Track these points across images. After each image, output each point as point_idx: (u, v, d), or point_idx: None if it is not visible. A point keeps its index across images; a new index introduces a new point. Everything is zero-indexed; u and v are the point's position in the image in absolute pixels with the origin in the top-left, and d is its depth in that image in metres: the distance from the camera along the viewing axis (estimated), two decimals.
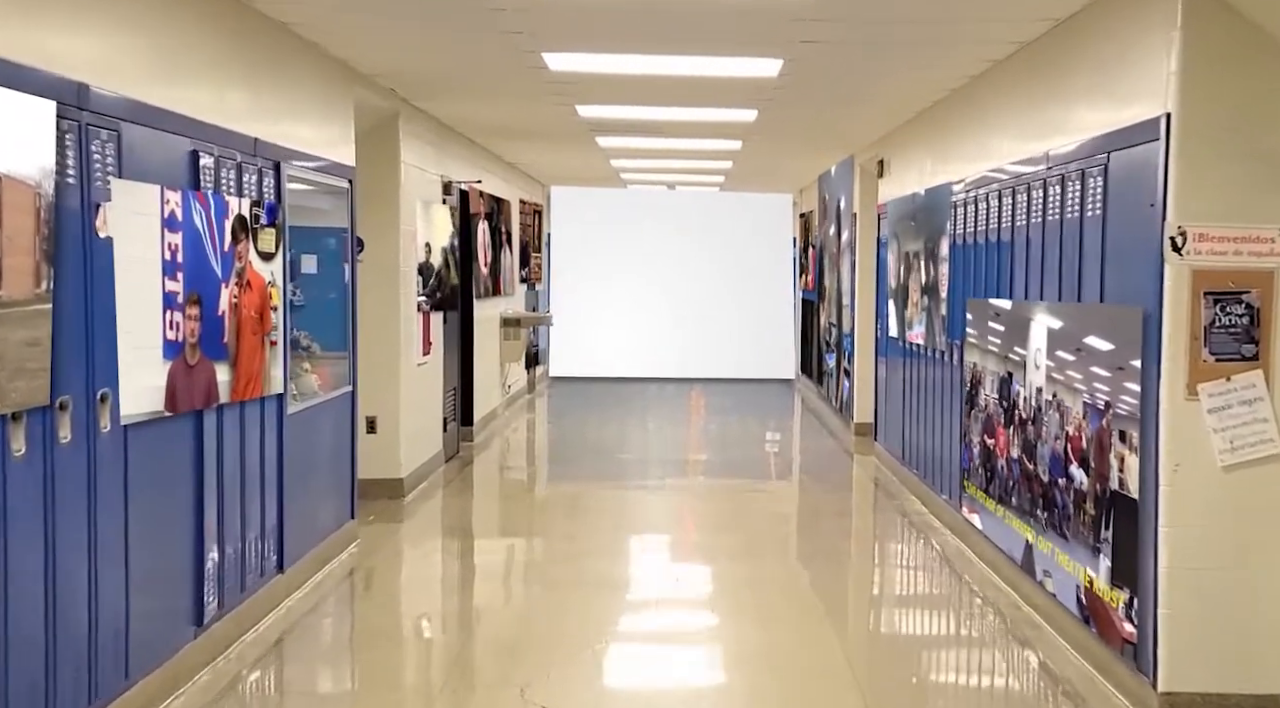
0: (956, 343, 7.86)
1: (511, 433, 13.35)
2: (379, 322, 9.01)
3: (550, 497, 10.25)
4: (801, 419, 15.31)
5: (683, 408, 16.43)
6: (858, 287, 12.60)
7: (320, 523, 7.16)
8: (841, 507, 9.95)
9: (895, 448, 10.27)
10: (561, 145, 12.40)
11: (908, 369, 9.68)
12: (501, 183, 14.06)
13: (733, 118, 9.80)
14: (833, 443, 12.72)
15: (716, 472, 11.35)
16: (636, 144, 12.06)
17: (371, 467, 9.04)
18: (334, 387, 7.46)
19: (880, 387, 11.21)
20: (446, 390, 10.78)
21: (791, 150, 12.56)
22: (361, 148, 8.80)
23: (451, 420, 11.05)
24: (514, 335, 14.01)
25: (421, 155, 9.75)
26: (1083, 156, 5.48)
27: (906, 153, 10.04)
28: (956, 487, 7.56)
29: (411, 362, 9.43)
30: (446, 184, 10.64)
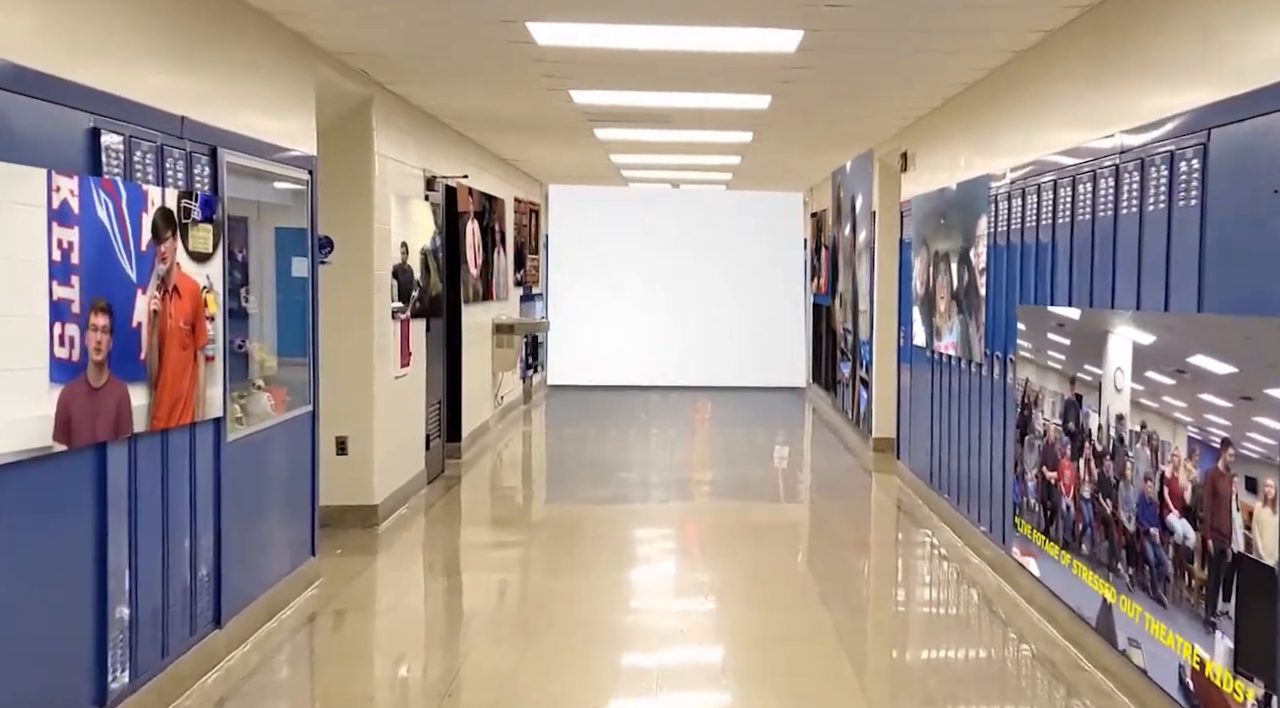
0: (1000, 355, 6.92)
1: (504, 448, 12.42)
2: (349, 331, 8.09)
3: (543, 523, 9.31)
4: (814, 432, 14.37)
5: (687, 419, 15.49)
6: (877, 290, 11.67)
7: (271, 564, 6.23)
8: (864, 536, 9.01)
9: (921, 468, 9.34)
10: (558, 138, 11.48)
11: (937, 382, 8.74)
12: (494, 180, 13.14)
13: (744, 104, 8.87)
14: (849, 460, 11.78)
15: (725, 493, 10.41)
16: (638, 137, 11.13)
17: (341, 492, 8.13)
18: (291, 406, 6.53)
19: (903, 399, 10.28)
20: (430, 405, 9.86)
21: (805, 143, 11.62)
22: (329, 137, 7.90)
23: (436, 437, 10.13)
24: (507, 343, 13.09)
25: (400, 147, 8.83)
26: (1171, 136, 4.55)
27: (935, 144, 9.10)
28: (1004, 522, 6.61)
29: (388, 374, 8.51)
30: (430, 179, 9.72)
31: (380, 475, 8.34)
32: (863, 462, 11.53)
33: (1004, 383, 6.86)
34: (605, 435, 13.68)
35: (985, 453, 7.25)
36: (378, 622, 6.64)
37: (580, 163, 14.05)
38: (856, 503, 10.15)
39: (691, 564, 7.87)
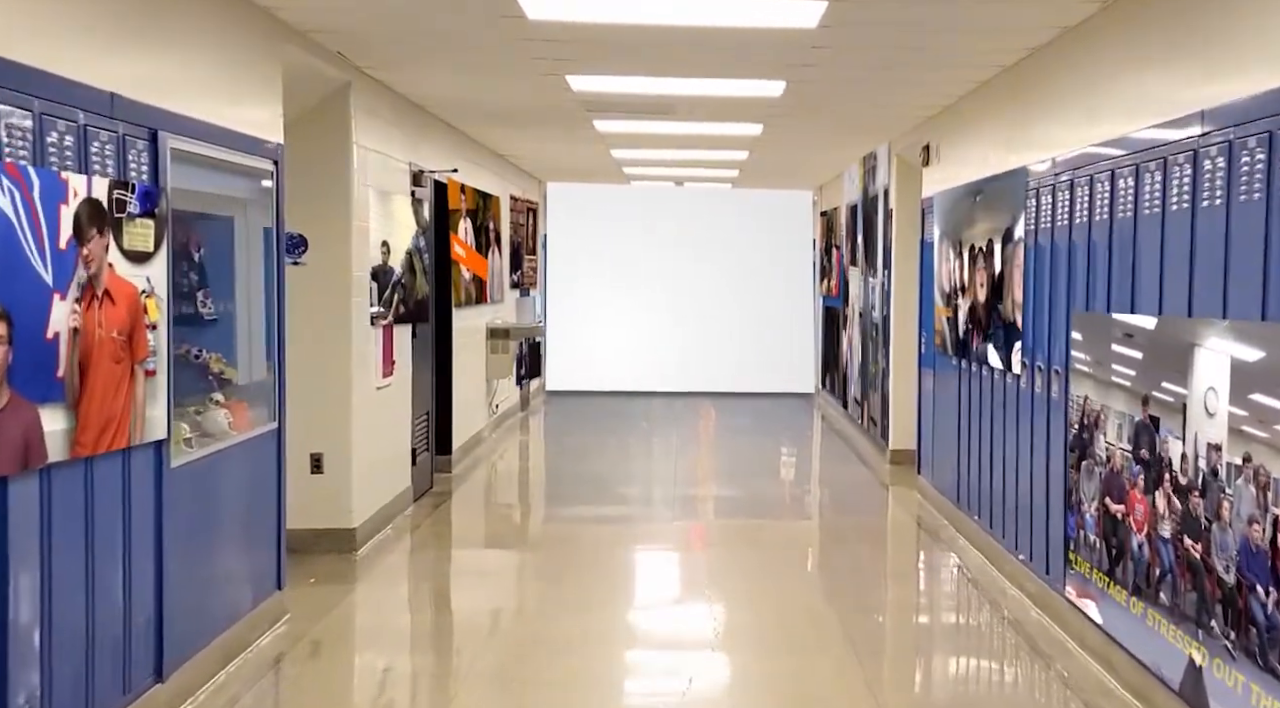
0: (1044, 367, 6.23)
1: (499, 460, 11.72)
2: (324, 339, 7.41)
3: (538, 545, 8.61)
4: (825, 441, 13.67)
5: (692, 427, 14.80)
6: (894, 292, 10.98)
7: (228, 602, 5.54)
8: (886, 561, 8.31)
9: (946, 485, 8.64)
10: (556, 131, 10.78)
11: (965, 393, 8.05)
12: (490, 176, 12.45)
13: (755, 92, 8.17)
14: (864, 473, 11.08)
15: (733, 511, 9.70)
16: (640, 129, 10.44)
17: (316, 514, 7.45)
18: (254, 424, 5.84)
19: (925, 409, 9.58)
20: (416, 416, 9.16)
21: (818, 137, 10.93)
22: (302, 127, 7.24)
23: (424, 450, 9.43)
24: (502, 348, 12.39)
25: (383, 138, 8.14)
26: (1268, 113, 3.86)
27: (963, 135, 8.41)
28: (1055, 557, 5.90)
29: (368, 385, 7.82)
30: (417, 174, 9.03)
31: (359, 495, 7.65)
32: (879, 475, 10.84)
33: (1048, 397, 6.16)
34: (605, 445, 12.98)
35: (1027, 475, 6.55)
36: (350, 663, 5.94)
37: (580, 159, 13.36)
38: (874, 522, 9.45)
39: (698, 595, 7.17)
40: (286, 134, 7.17)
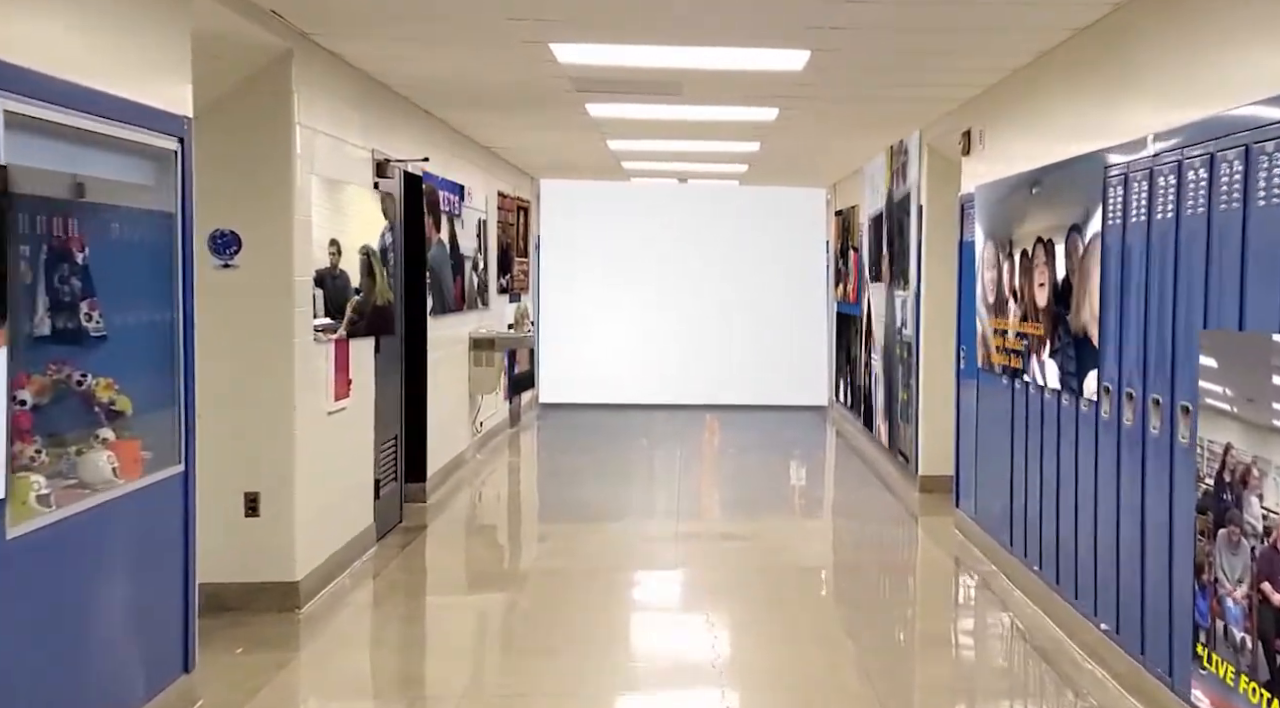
0: (1136, 393, 5.03)
1: (483, 485, 10.52)
2: (261, 356, 6.23)
3: (521, 599, 7.37)
4: (843, 462, 12.44)
5: (696, 445, 13.59)
6: (925, 299, 9.78)
7: (108, 699, 4.34)
8: (928, 618, 7.11)
9: (993, 522, 7.44)
10: (544, 118, 9.59)
11: (1020, 418, 6.86)
12: (473, 170, 11.26)
13: (773, 65, 6.99)
14: (889, 500, 9.87)
15: (744, 552, 8.45)
16: (639, 114, 9.24)
17: (251, 566, 6.27)
18: (152, 467, 4.65)
19: (964, 432, 8.39)
20: (381, 442, 7.97)
21: (840, 122, 9.72)
22: (235, 102, 6.10)
23: (390, 480, 8.24)
24: (487, 360, 11.20)
25: (337, 119, 6.96)
26: None
27: (1015, 116, 7.21)
28: (1179, 648, 4.66)
29: (316, 410, 6.62)
30: (381, 163, 7.84)
31: (305, 541, 6.45)
32: (906, 503, 9.64)
33: (1142, 434, 4.96)
34: (601, 467, 11.76)
35: (1109, 525, 5.34)
36: None
37: (574, 152, 12.17)
38: (907, 563, 8.25)
39: (708, 675, 5.96)
40: (215, 111, 6.03)
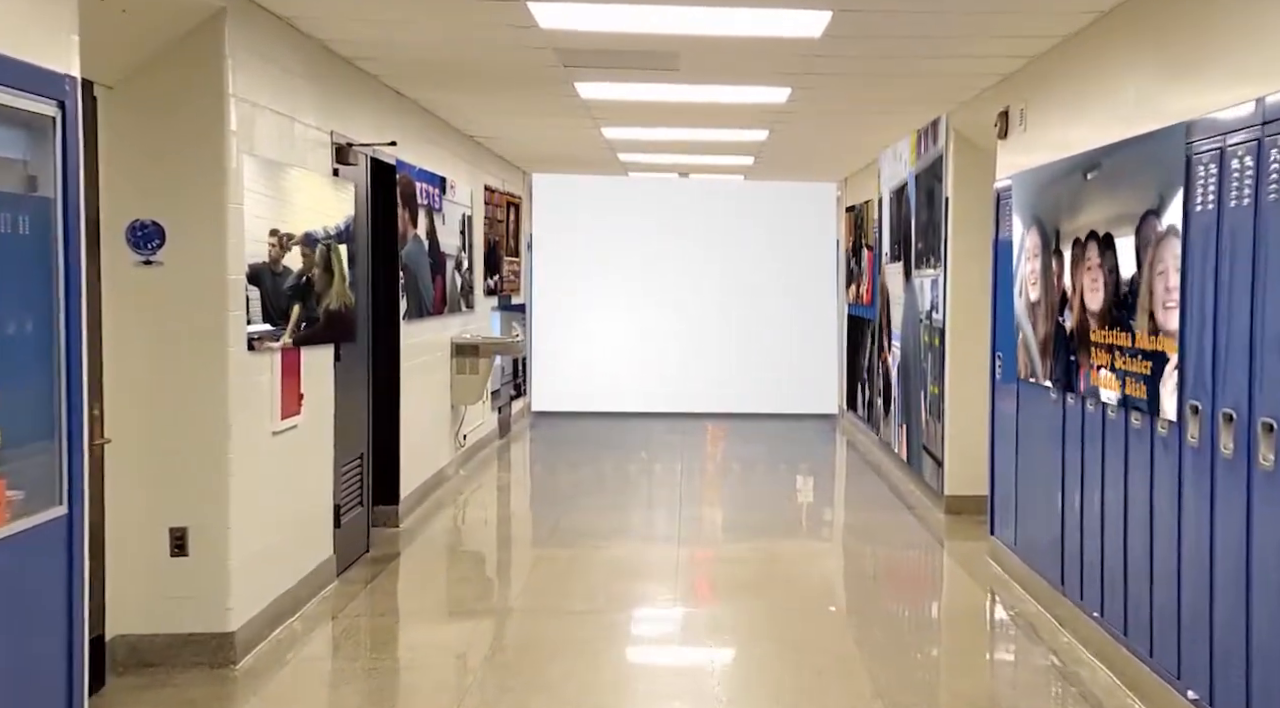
0: (1235, 414, 4.11)
1: (465, 505, 9.60)
2: (188, 369, 5.32)
3: (501, 645, 6.43)
4: (857, 478, 11.50)
5: (699, 459, 12.65)
6: (950, 300, 8.86)
7: None
8: (963, 675, 6.17)
9: (1039, 556, 6.52)
10: (528, 100, 8.67)
11: (1074, 438, 5.94)
12: (457, 161, 10.35)
13: (786, 31, 6.07)
14: (912, 525, 8.93)
15: (753, 587, 7.48)
16: (633, 94, 8.31)
17: (179, 614, 5.37)
18: (23, 510, 3.73)
19: (1001, 450, 7.47)
20: (344, 462, 7.05)
21: (857, 106, 8.78)
22: (156, 70, 5.18)
23: (354, 505, 7.32)
24: (471, 368, 10.27)
25: (284, 94, 6.04)
26: None
27: (1066, 90, 6.29)
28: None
29: (258, 430, 5.70)
30: (342, 147, 6.92)
31: (244, 583, 5.53)
32: (930, 526, 8.72)
33: (1247, 467, 4.04)
34: (596, 483, 10.83)
35: (1209, 578, 4.42)
36: None
37: (567, 142, 11.25)
38: (936, 598, 7.33)
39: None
40: (133, 81, 5.16)
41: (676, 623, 6.55)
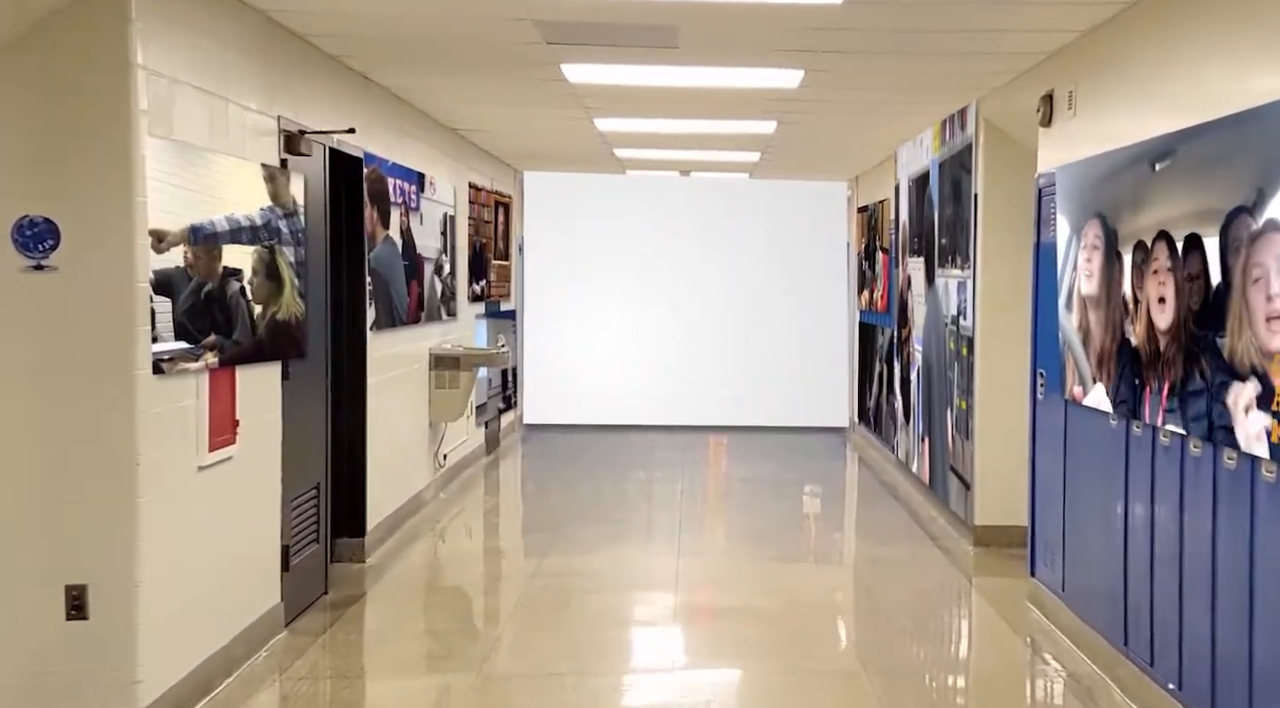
0: None
1: (443, 534, 8.69)
2: (88, 395, 4.44)
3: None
4: (871, 500, 10.58)
5: (701, 478, 11.78)
6: (980, 305, 7.98)
7: None
8: None
9: (1096, 611, 5.64)
10: (510, 84, 7.79)
11: (1139, 476, 5.06)
12: (437, 156, 9.48)
13: None
14: (934, 556, 8.04)
15: (760, 639, 6.54)
16: (627, 78, 7.43)
17: (75, 688, 4.48)
18: None
19: (1045, 478, 6.60)
20: (295, 495, 6.17)
21: (877, 92, 7.89)
22: (46, 38, 4.32)
23: (309, 542, 6.44)
24: (452, 382, 9.39)
25: (212, 68, 5.17)
26: None
27: (1130, 66, 5.40)
28: None
29: (180, 464, 4.83)
30: (293, 135, 6.04)
31: (160, 647, 4.65)
32: (956, 560, 7.83)
33: None
34: (586, 508, 9.91)
35: None
36: None
37: (557, 135, 10.37)
38: (971, 650, 6.45)
39: None
40: (19, 51, 4.28)
41: (673, 690, 5.65)
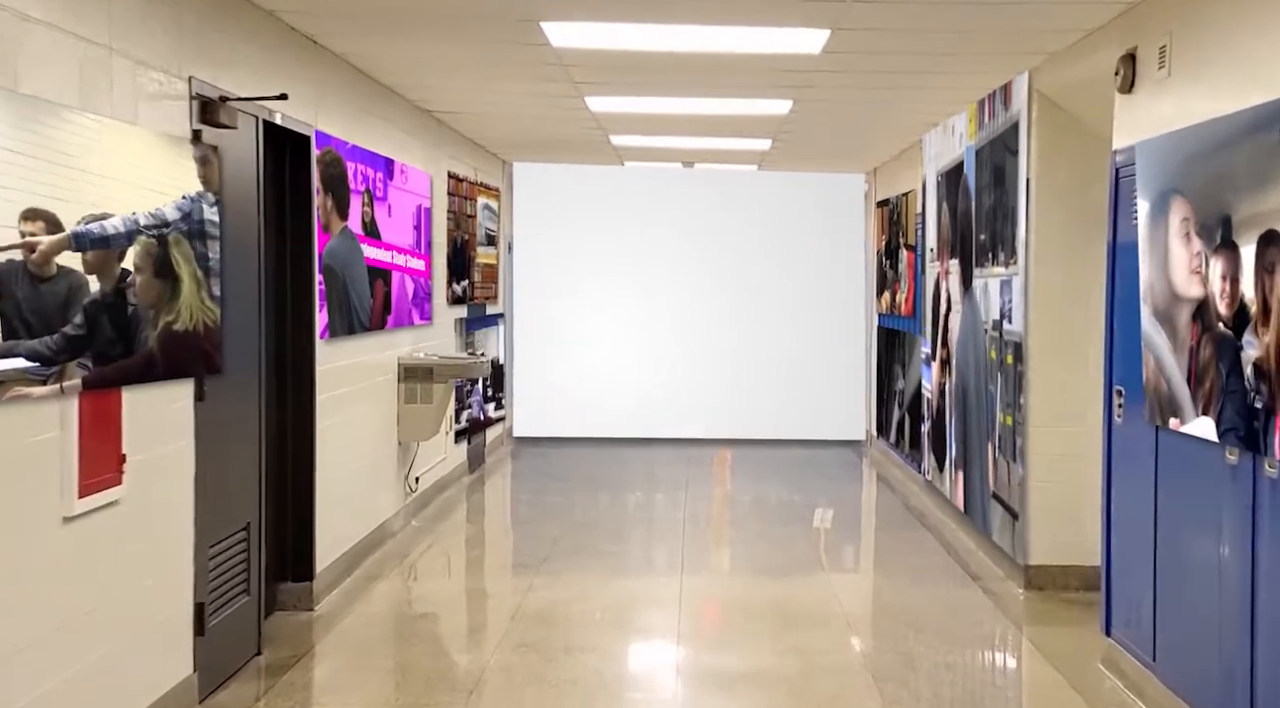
0: None
1: (411, 573, 7.57)
2: None
3: None
4: (893, 526, 9.40)
5: (704, 499, 10.65)
6: (1031, 306, 6.87)
7: None
8: None
9: (1203, 691, 4.55)
10: (487, 50, 6.70)
11: (1272, 525, 3.95)
12: (409, 141, 8.39)
13: None
14: (977, 600, 6.92)
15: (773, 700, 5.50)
16: (619, 43, 6.33)
17: None
18: None
19: (1124, 521, 5.49)
20: (212, 542, 5.06)
21: (914, 58, 6.78)
22: None
23: (237, 594, 5.33)
24: (424, 395, 8.28)
25: (84, 5, 4.06)
26: None
27: (1255, 5, 4.29)
28: None
29: (37, 516, 3.72)
30: (210, 102, 4.93)
31: None
32: (1006, 606, 6.72)
33: None
34: (583, 536, 8.76)
35: None
36: None
37: (546, 119, 9.27)
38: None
39: None
40: None
41: None
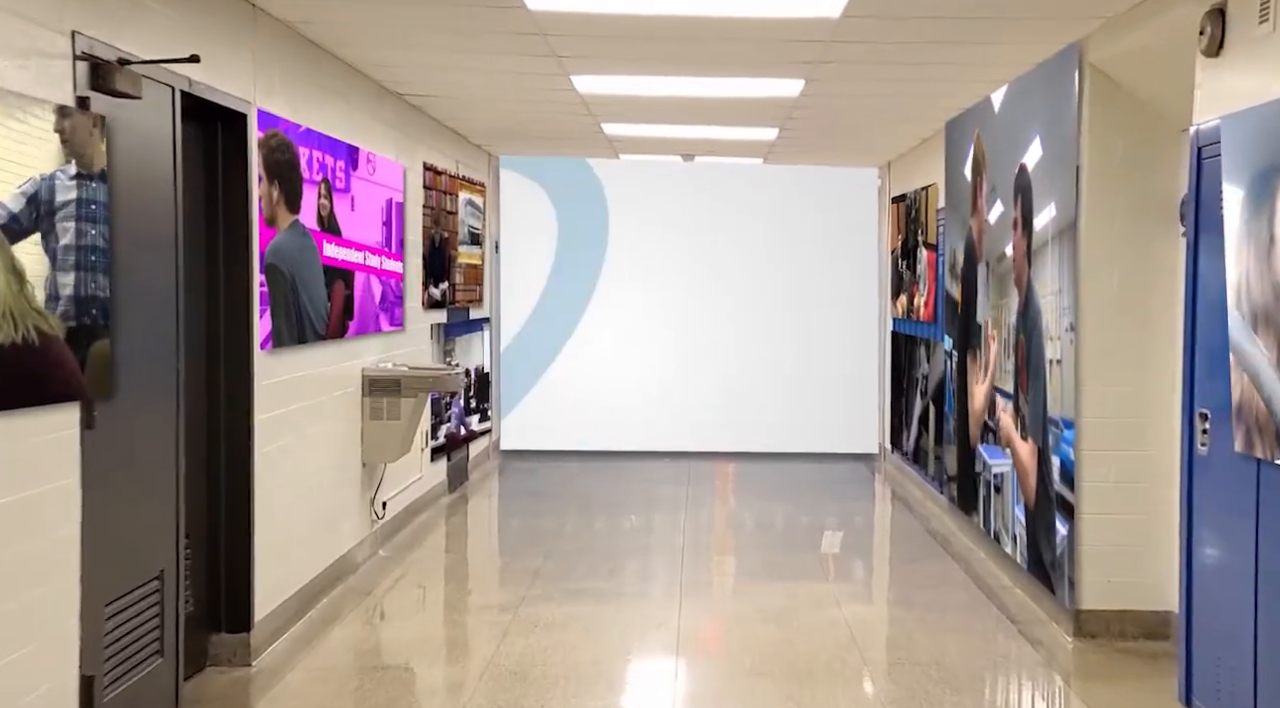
0: None
1: (374, 614, 6.67)
2: None
3: None
4: (915, 555, 8.41)
5: (706, 522, 9.76)
6: (1081, 317, 5.97)
7: None
8: None
9: None
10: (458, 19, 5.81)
11: None
12: (377, 126, 7.51)
13: None
14: (1019, 650, 6.03)
15: None
16: (607, 6, 5.44)
17: None
18: None
19: (1206, 568, 4.60)
20: (109, 598, 4.17)
21: (950, 26, 5.88)
22: None
23: (148, 657, 4.44)
24: (391, 411, 7.39)
25: None
26: None
27: None
28: None
29: None
30: (104, 65, 4.04)
31: None
32: (1055, 658, 5.82)
33: None
34: (572, 565, 7.84)
35: None
36: None
37: (531, 103, 8.38)
38: None
39: None
40: None
41: None
